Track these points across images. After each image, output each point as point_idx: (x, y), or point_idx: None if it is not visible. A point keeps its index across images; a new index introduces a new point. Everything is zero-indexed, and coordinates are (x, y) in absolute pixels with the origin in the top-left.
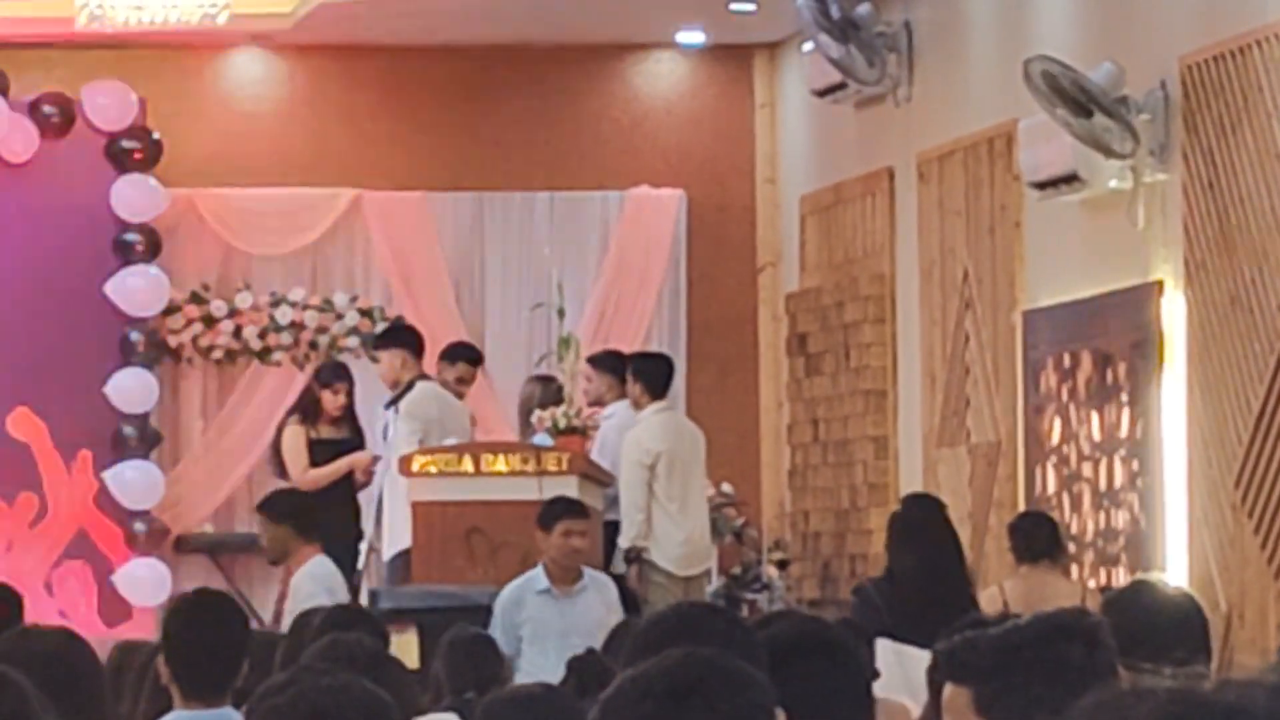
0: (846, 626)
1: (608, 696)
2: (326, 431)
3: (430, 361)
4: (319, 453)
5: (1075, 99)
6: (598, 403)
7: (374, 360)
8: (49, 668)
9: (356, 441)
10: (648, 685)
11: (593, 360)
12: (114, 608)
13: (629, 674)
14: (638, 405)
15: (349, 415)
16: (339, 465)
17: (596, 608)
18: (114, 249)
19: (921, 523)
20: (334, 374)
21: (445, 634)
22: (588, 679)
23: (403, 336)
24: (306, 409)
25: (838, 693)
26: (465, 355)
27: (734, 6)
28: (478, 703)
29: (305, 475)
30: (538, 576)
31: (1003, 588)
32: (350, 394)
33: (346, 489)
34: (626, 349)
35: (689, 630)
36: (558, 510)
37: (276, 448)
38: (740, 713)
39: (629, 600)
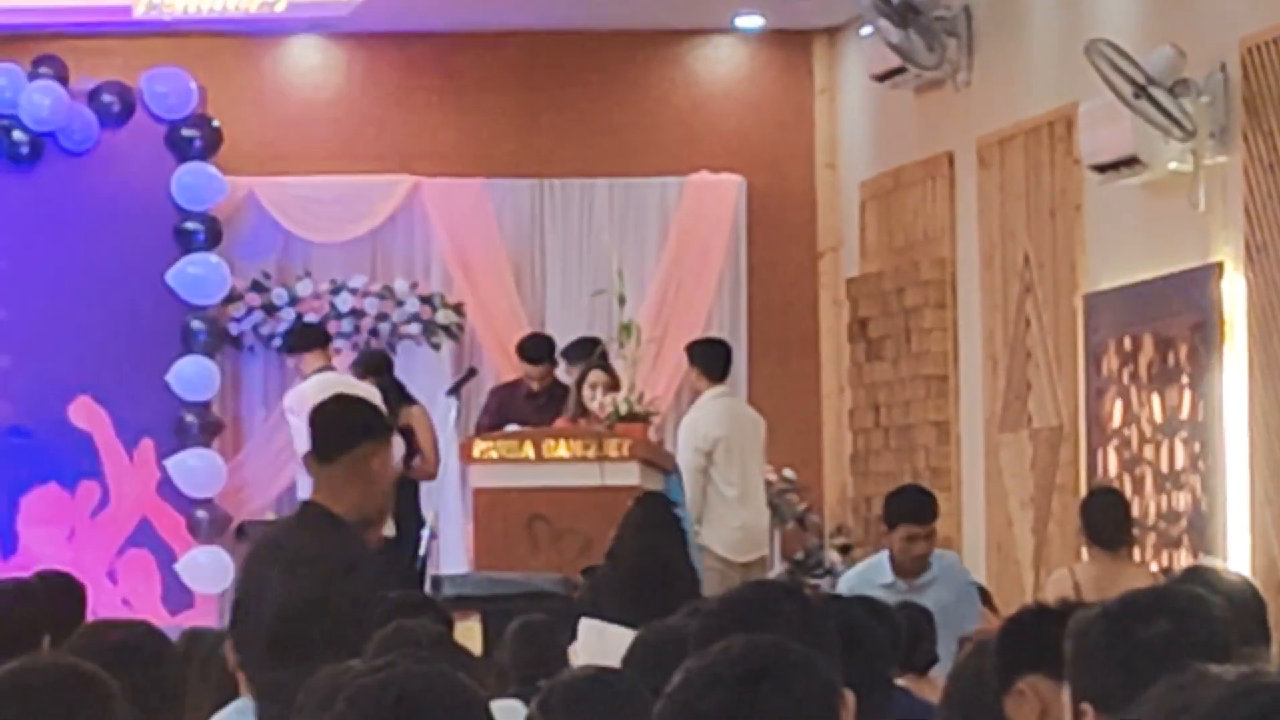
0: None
1: (676, 686)
2: None
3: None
4: None
5: (1134, 82)
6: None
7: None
8: (128, 661)
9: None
10: (717, 673)
11: (565, 353)
12: (176, 596)
13: (695, 663)
14: (696, 390)
15: (390, 403)
16: None
17: (945, 598)
18: (174, 238)
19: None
20: (363, 365)
21: (512, 620)
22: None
23: None
24: None
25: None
26: (520, 353)
27: None
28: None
29: None
30: (882, 567)
31: (1073, 571)
32: (383, 384)
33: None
34: (687, 335)
35: (759, 611)
36: (900, 511)
37: None
38: (811, 695)
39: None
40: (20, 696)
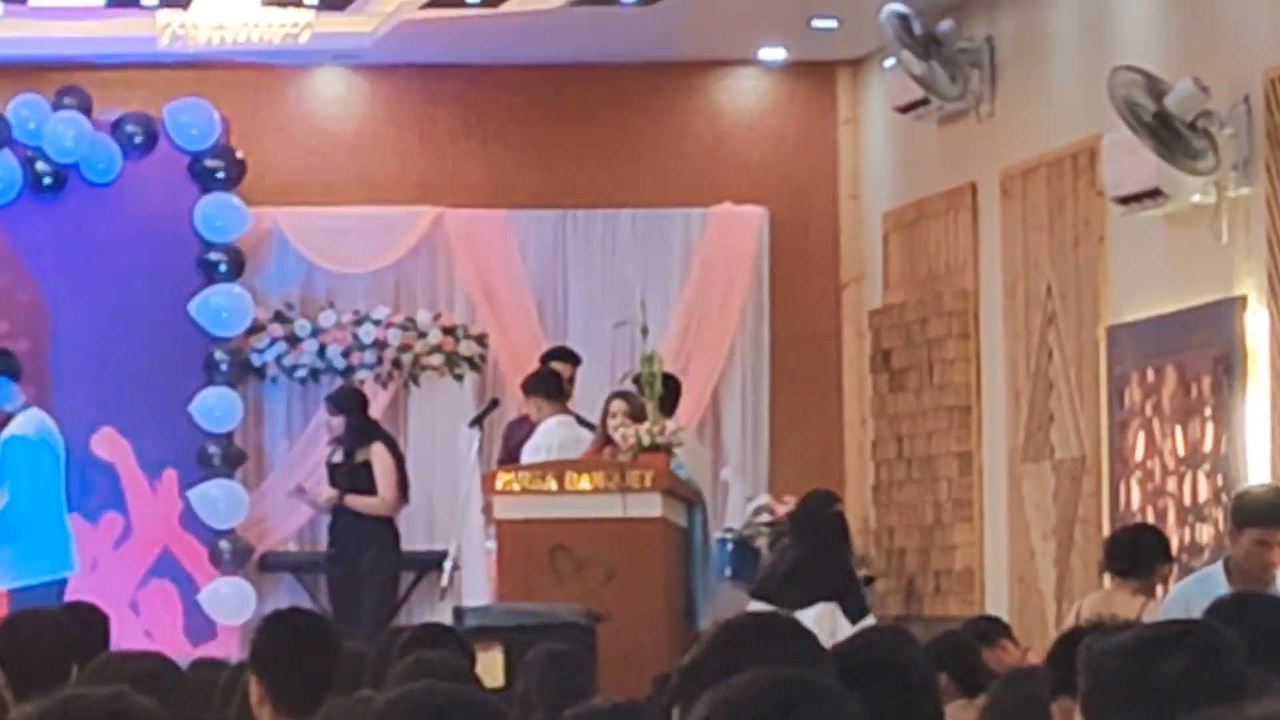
0: (915, 646)
1: (701, 717)
2: (337, 456)
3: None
4: (332, 476)
5: (1154, 125)
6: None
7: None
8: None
9: (354, 466)
10: (743, 707)
11: (522, 386)
12: (199, 626)
13: (719, 695)
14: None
15: (346, 439)
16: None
17: None
18: (198, 268)
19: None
20: (334, 397)
21: (533, 650)
22: None
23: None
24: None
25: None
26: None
27: (816, 23)
28: None
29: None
30: (1217, 576)
31: (1080, 605)
32: (340, 419)
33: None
34: (710, 366)
35: (759, 639)
36: (1250, 512)
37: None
38: None
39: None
40: None
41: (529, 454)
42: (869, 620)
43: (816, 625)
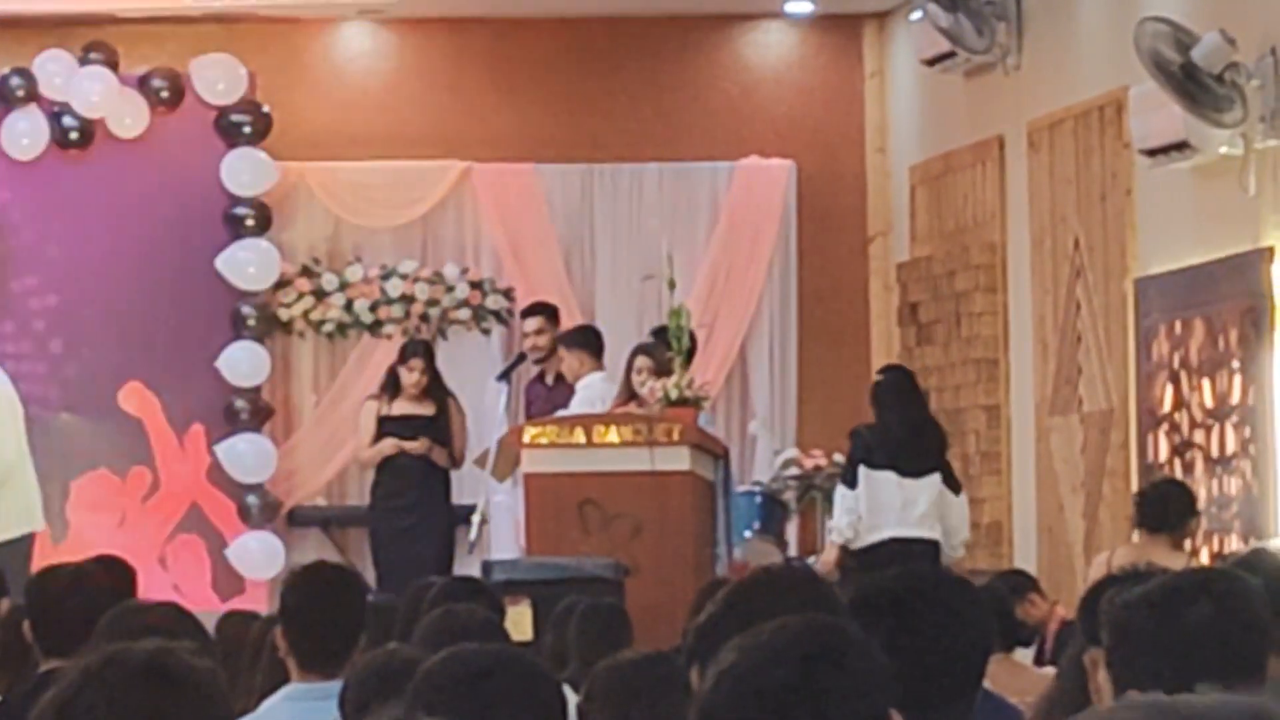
0: (955, 584)
1: (730, 664)
2: (401, 408)
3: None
4: (392, 428)
5: (1180, 77)
6: (575, 378)
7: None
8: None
9: (436, 418)
10: (776, 653)
11: (562, 340)
12: (227, 581)
13: (748, 642)
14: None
15: (432, 390)
16: (382, 446)
17: None
18: (224, 223)
19: (897, 386)
20: (410, 350)
21: (564, 603)
22: None
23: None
24: (385, 385)
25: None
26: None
27: None
28: None
29: (360, 453)
30: None
31: (1112, 553)
32: (426, 370)
33: (414, 463)
34: (737, 320)
35: (774, 593)
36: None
37: None
38: (869, 675)
39: None
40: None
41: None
42: (964, 497)
43: (929, 495)
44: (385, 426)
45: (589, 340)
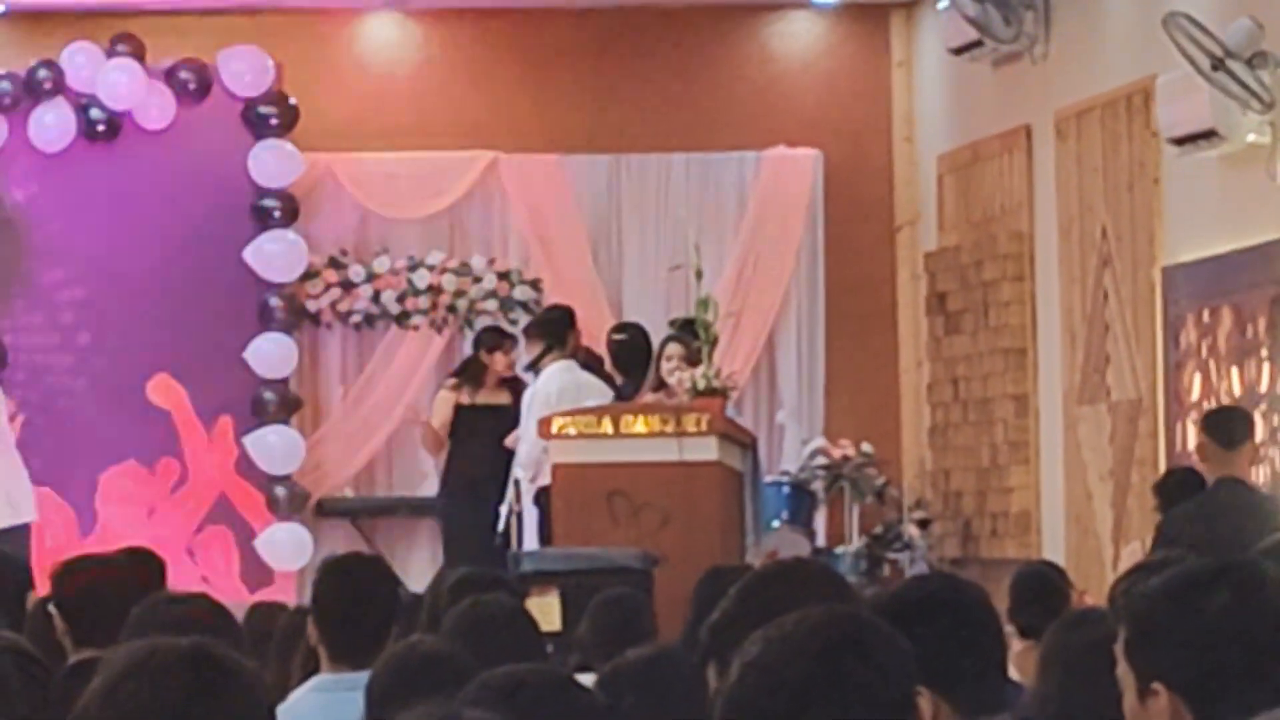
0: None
1: (754, 655)
2: (484, 397)
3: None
4: (470, 418)
5: (1212, 55)
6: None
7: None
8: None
9: (513, 406)
10: (800, 643)
11: (525, 330)
12: (255, 572)
13: (772, 634)
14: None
15: (510, 378)
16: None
17: None
18: (252, 215)
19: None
20: (498, 336)
21: (599, 597)
22: None
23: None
24: (463, 375)
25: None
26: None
27: None
28: None
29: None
30: None
31: (1144, 542)
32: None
33: (497, 454)
34: (765, 310)
35: (790, 587)
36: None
37: None
38: (892, 661)
39: None
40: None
41: (527, 402)
42: None
43: None
44: (463, 415)
45: (545, 330)
